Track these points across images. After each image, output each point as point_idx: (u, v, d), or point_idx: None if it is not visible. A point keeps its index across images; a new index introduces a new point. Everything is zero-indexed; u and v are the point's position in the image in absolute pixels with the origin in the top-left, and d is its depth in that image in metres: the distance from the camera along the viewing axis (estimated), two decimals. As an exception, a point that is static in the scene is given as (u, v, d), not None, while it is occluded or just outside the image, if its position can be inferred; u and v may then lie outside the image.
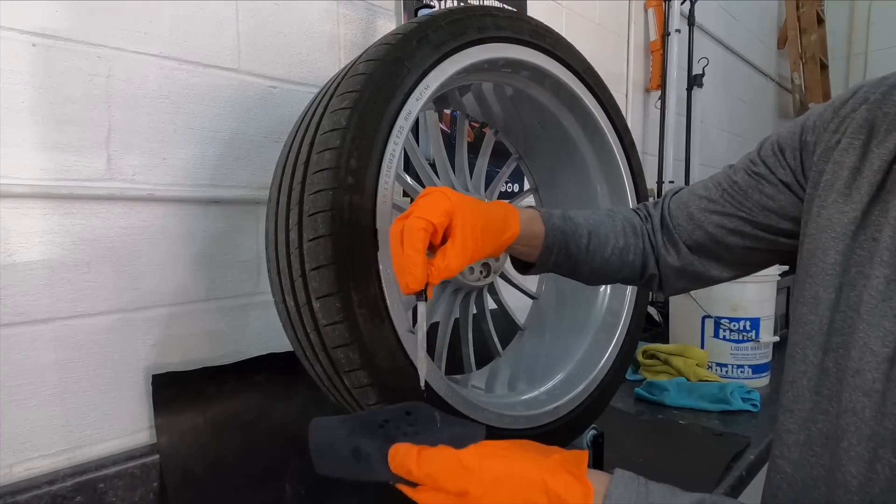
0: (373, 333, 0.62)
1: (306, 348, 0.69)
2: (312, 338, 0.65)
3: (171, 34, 0.87)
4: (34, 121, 0.76)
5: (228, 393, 0.93)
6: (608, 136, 0.95)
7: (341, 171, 0.61)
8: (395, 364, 0.64)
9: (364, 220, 0.63)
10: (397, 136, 0.66)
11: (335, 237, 0.60)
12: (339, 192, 0.61)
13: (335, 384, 0.68)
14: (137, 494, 0.84)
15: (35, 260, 0.77)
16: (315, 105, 0.71)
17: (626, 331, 0.98)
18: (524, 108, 0.97)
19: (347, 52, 1.11)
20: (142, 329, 0.87)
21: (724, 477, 0.95)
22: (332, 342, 0.63)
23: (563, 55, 0.88)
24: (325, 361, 0.66)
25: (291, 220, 0.65)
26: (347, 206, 0.61)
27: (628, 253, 0.70)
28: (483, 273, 0.88)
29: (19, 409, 0.76)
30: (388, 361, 0.64)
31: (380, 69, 0.66)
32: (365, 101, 0.64)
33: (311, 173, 0.63)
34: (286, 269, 0.67)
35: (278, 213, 0.69)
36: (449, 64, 0.72)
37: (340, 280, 0.60)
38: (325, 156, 0.62)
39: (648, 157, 2.16)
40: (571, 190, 1.05)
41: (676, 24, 2.07)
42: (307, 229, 0.62)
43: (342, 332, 0.61)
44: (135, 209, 0.85)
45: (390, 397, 0.63)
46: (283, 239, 0.68)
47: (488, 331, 0.99)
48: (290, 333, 0.73)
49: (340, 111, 0.64)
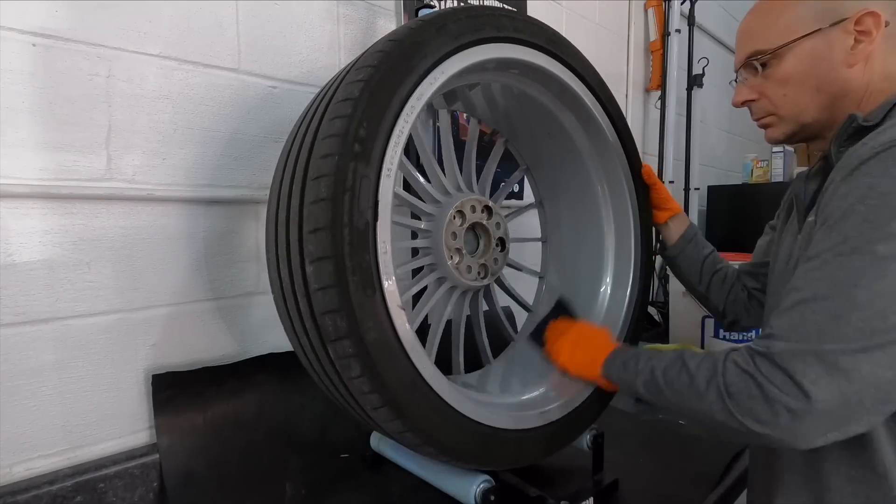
0: (363, 302, 0.61)
1: (294, 318, 0.68)
2: (302, 305, 0.64)
3: (171, 34, 0.87)
4: (34, 121, 0.76)
5: (228, 393, 0.93)
6: (616, 155, 0.97)
7: (349, 138, 0.61)
8: (382, 336, 0.63)
9: (367, 188, 0.62)
10: (408, 115, 0.67)
11: (335, 201, 0.60)
12: (344, 158, 0.61)
13: (319, 356, 0.67)
14: (137, 494, 0.84)
15: (35, 260, 0.77)
16: (324, 92, 0.71)
17: (627, 330, 0.98)
18: (533, 115, 0.98)
19: (347, 52, 1.11)
20: (142, 329, 0.87)
21: (723, 477, 0.95)
22: (320, 308, 0.62)
23: (576, 65, 0.90)
24: (313, 331, 0.64)
25: (295, 188, 0.65)
26: (352, 172, 0.61)
27: (727, 279, 0.99)
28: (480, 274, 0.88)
29: (19, 409, 0.76)
30: (375, 333, 0.62)
31: (398, 49, 0.66)
32: (380, 76, 0.64)
33: (319, 140, 0.63)
34: (283, 233, 0.66)
35: (282, 182, 0.69)
36: (464, 56, 0.73)
37: (336, 245, 0.60)
38: (335, 123, 0.63)
39: (648, 157, 2.16)
40: (576, 204, 1.06)
41: (676, 24, 2.07)
42: (309, 192, 0.62)
43: (332, 297, 0.60)
44: (135, 209, 0.85)
45: (373, 372, 0.62)
46: (284, 203, 0.67)
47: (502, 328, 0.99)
48: (280, 305, 0.72)
49: (355, 83, 0.64)
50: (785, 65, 0.70)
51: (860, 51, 0.65)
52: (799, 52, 0.69)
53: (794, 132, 0.74)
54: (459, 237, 0.84)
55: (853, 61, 0.66)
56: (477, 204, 0.86)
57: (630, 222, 0.99)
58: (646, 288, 1.01)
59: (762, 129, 0.78)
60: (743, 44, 0.76)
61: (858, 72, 0.66)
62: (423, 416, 0.66)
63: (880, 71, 0.67)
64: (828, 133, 0.71)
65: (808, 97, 0.70)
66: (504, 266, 0.93)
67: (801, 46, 0.68)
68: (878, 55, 0.66)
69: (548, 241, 1.13)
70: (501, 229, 0.90)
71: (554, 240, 1.12)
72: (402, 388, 0.64)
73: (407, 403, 0.64)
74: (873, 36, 0.65)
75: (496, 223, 0.89)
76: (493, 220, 0.89)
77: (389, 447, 0.92)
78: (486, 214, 0.88)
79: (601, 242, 1.02)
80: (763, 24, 0.72)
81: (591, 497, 0.85)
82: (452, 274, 0.83)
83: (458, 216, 0.84)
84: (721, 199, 2.48)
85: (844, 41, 0.66)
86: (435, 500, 0.83)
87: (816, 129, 0.72)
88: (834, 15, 0.66)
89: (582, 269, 1.06)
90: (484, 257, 0.89)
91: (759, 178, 2.41)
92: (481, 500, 0.77)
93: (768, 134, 0.78)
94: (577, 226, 1.07)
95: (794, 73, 0.70)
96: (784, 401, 0.53)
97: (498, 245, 0.90)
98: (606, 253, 1.02)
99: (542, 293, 1.11)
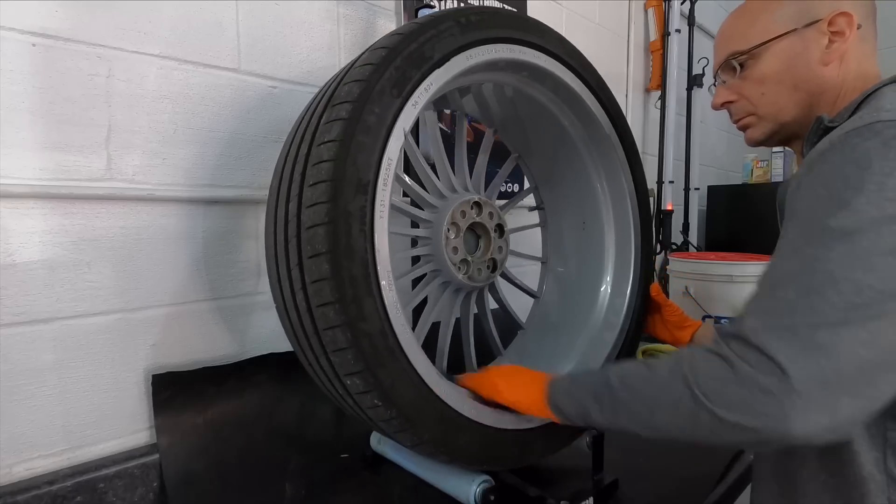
0: (358, 297, 0.61)
1: (293, 317, 0.67)
2: (298, 298, 0.64)
3: (171, 34, 0.87)
4: (34, 121, 0.76)
5: (228, 393, 0.93)
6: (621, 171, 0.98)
7: (354, 122, 0.62)
8: (377, 332, 0.63)
9: (369, 158, 0.63)
10: (418, 98, 0.68)
11: (335, 183, 0.60)
12: (349, 131, 0.62)
13: (316, 353, 0.66)
14: (137, 494, 0.84)
15: (35, 260, 0.77)
16: (323, 92, 0.71)
17: (627, 330, 0.98)
18: (543, 124, 0.99)
19: (347, 52, 1.11)
20: (141, 329, 0.87)
21: (724, 476, 0.95)
22: (316, 301, 0.61)
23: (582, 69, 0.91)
24: (310, 326, 0.64)
25: (297, 169, 0.65)
26: (355, 146, 0.62)
27: None
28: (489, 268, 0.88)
29: (19, 409, 0.76)
30: (369, 326, 0.62)
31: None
32: (405, 45, 0.66)
33: (323, 124, 0.63)
34: (283, 233, 0.66)
35: (281, 182, 0.69)
36: (478, 52, 0.75)
37: (333, 241, 0.59)
38: (343, 106, 0.63)
39: (648, 157, 2.16)
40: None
41: (676, 24, 2.07)
42: (310, 175, 0.62)
43: (327, 290, 0.60)
44: (135, 209, 0.85)
45: (368, 362, 0.62)
46: (283, 203, 0.67)
47: (489, 330, 0.99)
48: (279, 305, 0.72)
49: (367, 67, 0.64)
50: (762, 64, 0.72)
51: (834, 50, 0.68)
52: (776, 51, 0.71)
53: (774, 132, 0.75)
54: (460, 249, 0.85)
55: (828, 60, 0.68)
56: (466, 206, 0.86)
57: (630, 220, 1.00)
58: (646, 288, 1.01)
59: (742, 132, 0.80)
60: (721, 46, 0.77)
61: (834, 70, 0.69)
62: (420, 414, 0.66)
63: (855, 70, 0.69)
64: (805, 133, 0.72)
65: (786, 95, 0.72)
66: (508, 253, 0.93)
67: (778, 46, 0.70)
68: (852, 55, 0.68)
69: (547, 227, 1.14)
70: (496, 218, 0.90)
71: (553, 229, 1.13)
72: (399, 385, 0.64)
73: (403, 402, 0.64)
74: (846, 36, 0.67)
75: (489, 213, 0.89)
76: (486, 211, 0.89)
77: (389, 447, 0.92)
78: (477, 210, 0.88)
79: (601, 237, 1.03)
80: (740, 25, 0.75)
81: (591, 497, 0.85)
82: (465, 283, 0.85)
83: (453, 228, 0.84)
84: (721, 199, 2.48)
85: (819, 41, 0.68)
86: (435, 500, 0.83)
87: (795, 128, 0.73)
88: (808, 16, 0.69)
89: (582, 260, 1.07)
90: (487, 254, 0.89)
91: (759, 178, 2.42)
92: (481, 500, 0.77)
93: (748, 135, 0.79)
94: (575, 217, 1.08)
95: (772, 72, 0.71)
96: (760, 381, 0.49)
97: (496, 231, 0.90)
98: (606, 252, 1.03)
99: (547, 280, 1.13)
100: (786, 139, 0.77)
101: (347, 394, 0.67)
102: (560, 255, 1.12)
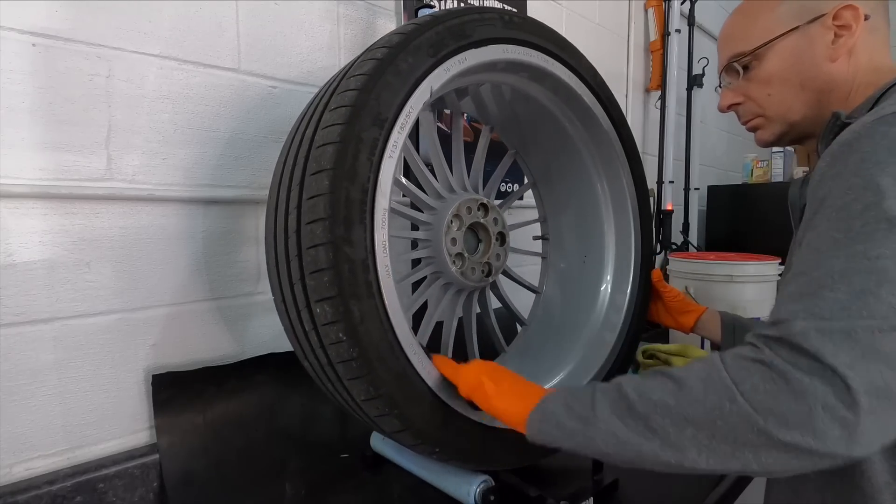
0: (357, 292, 0.60)
1: (293, 317, 0.67)
2: (297, 290, 0.64)
3: (171, 34, 0.87)
4: (34, 121, 0.76)
5: (228, 393, 0.93)
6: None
7: (358, 109, 0.62)
8: (376, 328, 0.62)
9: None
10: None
11: (336, 171, 0.60)
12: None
13: (315, 352, 0.66)
14: (137, 494, 0.84)
15: (35, 260, 0.77)
16: (322, 93, 0.71)
17: (627, 330, 0.98)
18: (548, 129, 1.00)
19: (347, 52, 1.11)
20: (141, 329, 0.87)
21: (723, 476, 0.95)
22: (315, 296, 0.61)
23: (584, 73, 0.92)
24: (308, 323, 0.64)
25: (300, 156, 0.65)
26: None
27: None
28: (484, 272, 0.88)
29: (19, 409, 0.76)
30: (365, 319, 0.61)
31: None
32: (414, 35, 0.67)
33: (328, 111, 0.63)
34: (283, 233, 0.66)
35: (281, 182, 0.68)
36: (489, 50, 0.76)
37: (332, 234, 0.60)
38: (347, 94, 0.63)
39: (648, 157, 2.16)
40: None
41: (676, 24, 2.06)
42: (312, 163, 0.62)
43: (325, 284, 0.60)
44: (135, 209, 0.85)
45: (365, 357, 0.61)
46: (283, 203, 0.67)
47: (492, 328, 1.00)
48: (279, 304, 0.72)
49: (370, 61, 0.64)
50: (766, 64, 0.70)
51: (841, 45, 0.65)
52: (779, 50, 0.68)
53: (784, 132, 0.73)
54: (459, 241, 0.84)
55: (835, 56, 0.66)
56: (473, 204, 0.86)
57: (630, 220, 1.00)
58: (646, 287, 1.01)
59: (752, 133, 0.78)
60: (724, 48, 0.75)
61: (842, 66, 0.66)
62: (418, 414, 0.66)
63: (867, 64, 0.66)
64: (818, 131, 0.70)
65: (793, 95, 0.70)
66: (506, 261, 0.93)
67: (782, 45, 0.68)
68: (863, 48, 0.66)
69: (547, 222, 1.14)
70: (499, 225, 0.90)
71: (553, 224, 1.14)
72: (396, 384, 0.64)
73: (401, 401, 0.64)
74: (853, 29, 0.64)
75: (494, 219, 0.89)
76: (491, 216, 0.89)
77: (389, 447, 0.92)
78: (483, 211, 0.87)
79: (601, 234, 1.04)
80: (742, 26, 0.72)
81: (591, 497, 0.85)
82: (458, 279, 0.84)
83: (456, 220, 0.84)
84: (721, 199, 2.48)
85: (824, 36, 0.66)
86: (435, 500, 0.83)
87: (806, 127, 0.71)
88: (812, 12, 0.66)
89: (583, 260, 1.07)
90: (484, 257, 0.89)
91: (759, 178, 2.41)
92: (481, 500, 0.77)
93: (758, 136, 0.77)
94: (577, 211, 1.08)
95: (777, 72, 0.69)
96: (820, 394, 0.41)
97: (498, 239, 0.90)
98: (606, 251, 1.03)
99: (548, 278, 1.13)
100: (798, 139, 0.74)
101: (350, 396, 0.67)
102: (561, 254, 1.12)
